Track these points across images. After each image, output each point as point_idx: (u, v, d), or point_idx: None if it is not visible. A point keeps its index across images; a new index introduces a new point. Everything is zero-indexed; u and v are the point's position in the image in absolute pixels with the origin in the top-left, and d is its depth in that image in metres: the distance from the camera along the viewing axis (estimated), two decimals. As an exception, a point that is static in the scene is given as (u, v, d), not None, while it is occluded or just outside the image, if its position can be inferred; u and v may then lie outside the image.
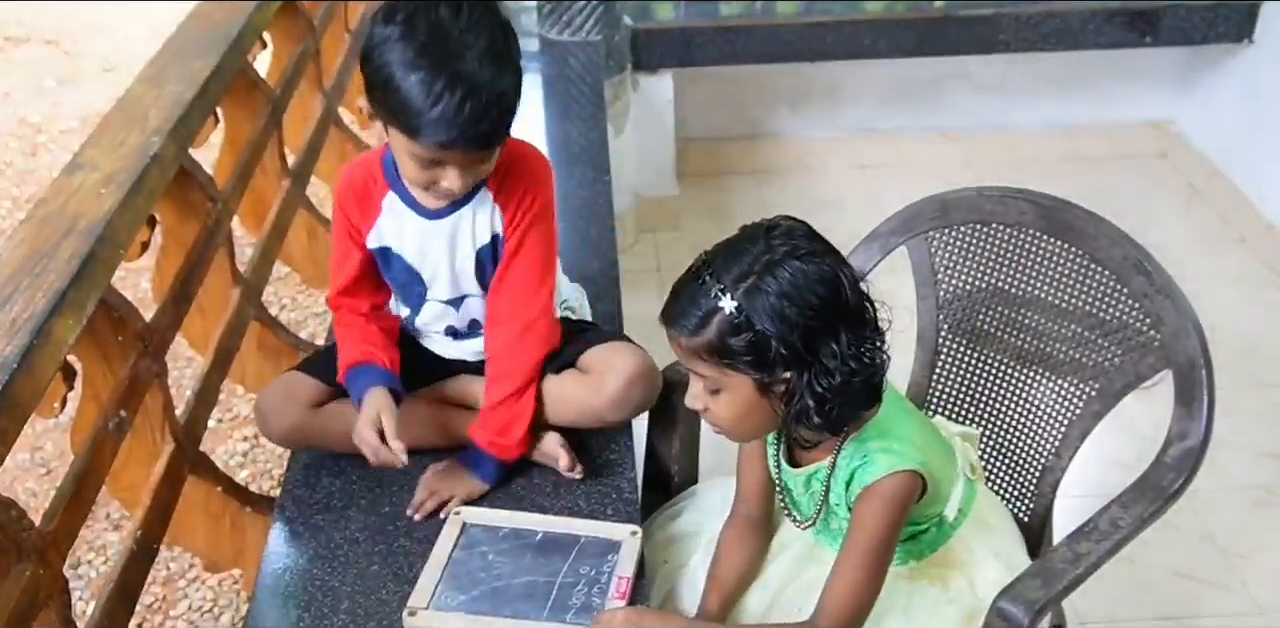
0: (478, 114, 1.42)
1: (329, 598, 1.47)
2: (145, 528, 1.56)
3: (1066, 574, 1.37)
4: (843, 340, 1.26)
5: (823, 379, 1.26)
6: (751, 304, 1.24)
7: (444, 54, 1.42)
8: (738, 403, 1.31)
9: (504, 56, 1.46)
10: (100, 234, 1.53)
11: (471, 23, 1.44)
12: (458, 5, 1.45)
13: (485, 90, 1.42)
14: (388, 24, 1.44)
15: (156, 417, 1.66)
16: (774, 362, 1.26)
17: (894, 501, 1.34)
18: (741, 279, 1.25)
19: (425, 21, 1.43)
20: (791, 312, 1.24)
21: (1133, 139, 3.83)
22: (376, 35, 1.45)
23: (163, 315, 1.73)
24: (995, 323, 1.69)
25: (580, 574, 1.49)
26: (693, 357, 1.30)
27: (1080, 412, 1.61)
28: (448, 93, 1.40)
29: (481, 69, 1.42)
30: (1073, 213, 1.61)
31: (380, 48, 1.44)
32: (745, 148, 3.83)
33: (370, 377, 1.60)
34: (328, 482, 1.66)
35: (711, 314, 1.26)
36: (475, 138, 1.45)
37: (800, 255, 1.25)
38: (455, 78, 1.41)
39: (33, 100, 4.61)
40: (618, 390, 1.64)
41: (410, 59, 1.42)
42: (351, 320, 1.68)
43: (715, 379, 1.30)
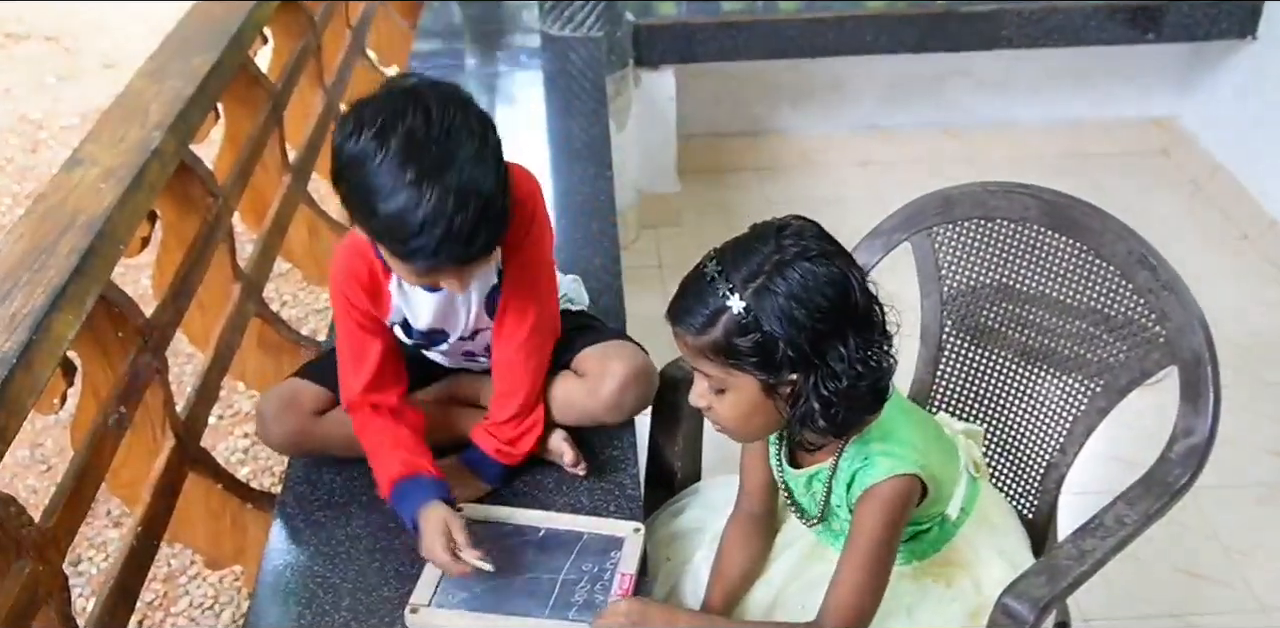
0: (470, 230, 1.32)
1: (330, 595, 1.46)
2: (145, 525, 1.55)
3: (1071, 571, 1.36)
4: (850, 344, 1.25)
5: (829, 383, 1.25)
6: (760, 305, 1.23)
7: (425, 169, 1.30)
8: (742, 403, 1.30)
9: (488, 155, 1.35)
10: (100, 229, 1.52)
11: (447, 125, 1.32)
12: (425, 108, 1.32)
13: (474, 202, 1.31)
14: (356, 137, 1.32)
15: (157, 413, 1.65)
16: (780, 363, 1.24)
17: (894, 504, 1.33)
18: (750, 279, 1.24)
19: (399, 133, 1.30)
20: (800, 314, 1.22)
21: (1135, 136, 3.83)
22: (347, 152, 1.33)
23: (163, 311, 1.72)
24: (999, 319, 1.68)
25: (583, 571, 1.48)
26: (698, 355, 1.28)
27: (1085, 408, 1.60)
28: (436, 215, 1.30)
29: (467, 177, 1.31)
30: (1077, 208, 1.60)
31: (352, 167, 1.32)
32: (747, 144, 3.82)
33: (423, 491, 1.50)
34: (329, 479, 1.65)
35: (719, 314, 1.24)
36: (471, 255, 1.37)
37: (811, 256, 1.24)
38: (442, 195, 1.30)
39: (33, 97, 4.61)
40: (612, 395, 1.63)
41: (389, 180, 1.30)
42: (380, 425, 1.56)
43: (720, 379, 1.29)
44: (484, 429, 1.64)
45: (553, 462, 1.67)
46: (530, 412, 1.63)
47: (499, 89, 3.02)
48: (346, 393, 1.58)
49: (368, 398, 1.57)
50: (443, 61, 3.10)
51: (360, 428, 1.58)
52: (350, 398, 1.57)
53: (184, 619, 2.37)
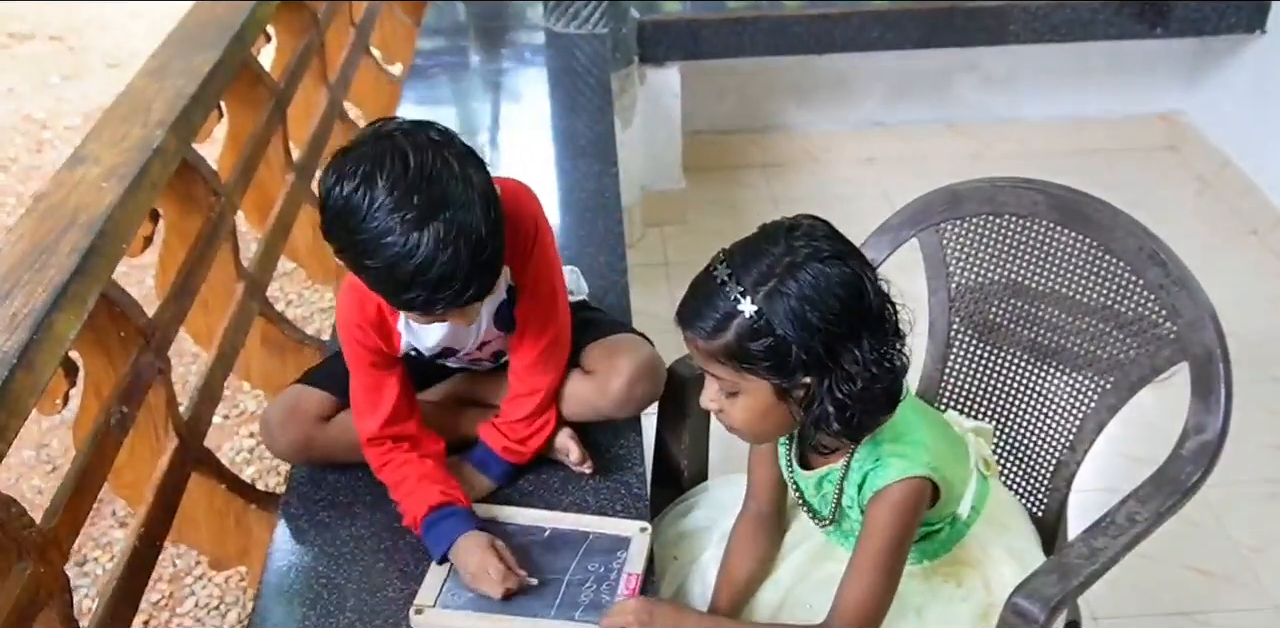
0: (463, 277, 1.30)
1: (335, 596, 1.45)
2: (148, 526, 1.54)
3: (1083, 570, 1.35)
4: (865, 346, 1.23)
5: (844, 385, 1.23)
6: (772, 308, 1.21)
7: (411, 219, 1.27)
8: (755, 407, 1.29)
9: (474, 196, 1.31)
10: (101, 228, 1.51)
11: (428, 171, 1.29)
12: (404, 155, 1.29)
13: (465, 248, 1.29)
14: (339, 189, 1.29)
15: (159, 413, 1.64)
16: (794, 367, 1.23)
17: (905, 506, 1.32)
18: (762, 282, 1.22)
19: (381, 184, 1.28)
20: (813, 316, 1.20)
21: (1143, 131, 3.81)
22: (331, 205, 1.31)
23: (165, 311, 1.71)
24: (1008, 316, 1.67)
25: (589, 571, 1.47)
26: (710, 359, 1.27)
27: (1095, 405, 1.59)
28: (426, 264, 1.27)
29: (455, 222, 1.28)
30: (1087, 203, 1.59)
31: (339, 220, 1.30)
32: (752, 141, 3.81)
33: (457, 523, 1.48)
34: (333, 479, 1.64)
35: (730, 317, 1.22)
36: (467, 300, 1.35)
37: (823, 257, 1.22)
38: (431, 243, 1.27)
39: (37, 96, 4.61)
40: (621, 391, 1.61)
41: (376, 233, 1.27)
42: (403, 458, 1.54)
43: (732, 382, 1.27)
44: (493, 427, 1.63)
45: (558, 461, 1.66)
46: (544, 412, 1.62)
47: (503, 86, 3.00)
48: (365, 431, 1.56)
49: (387, 431, 1.55)
50: (447, 59, 3.10)
51: (380, 462, 1.56)
52: (370, 434, 1.56)
53: (189, 620, 2.36)
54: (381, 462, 1.56)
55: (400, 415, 1.56)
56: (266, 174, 2.30)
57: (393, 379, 1.55)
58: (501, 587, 1.42)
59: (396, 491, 1.54)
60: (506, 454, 1.62)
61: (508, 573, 1.42)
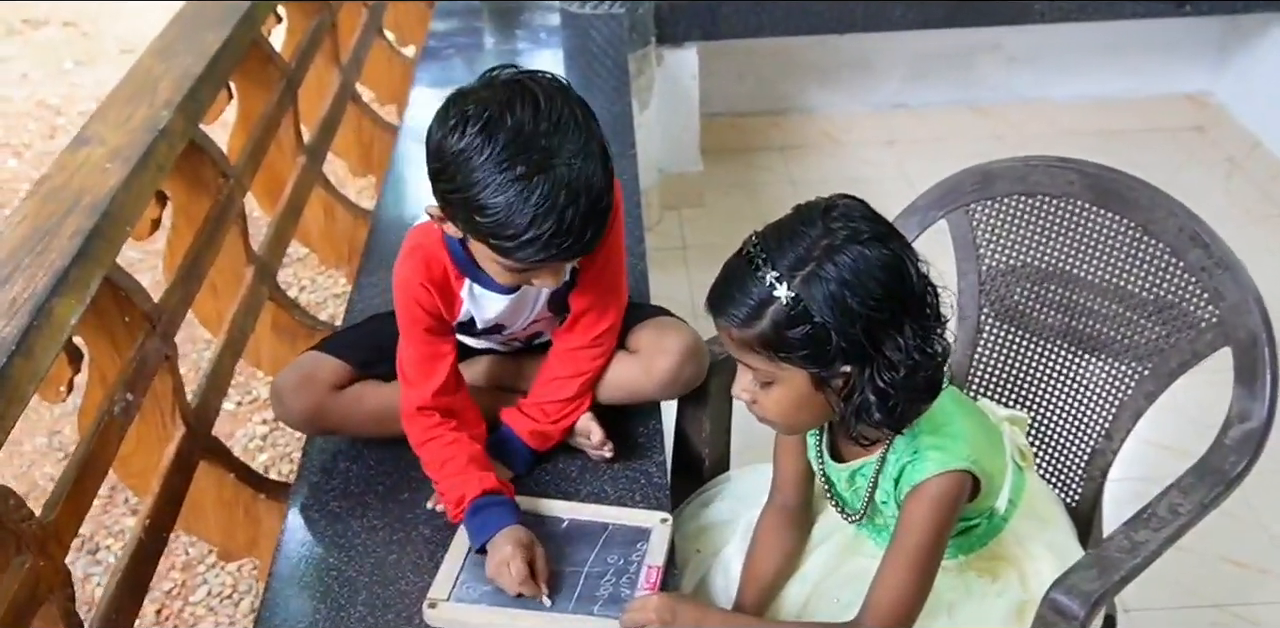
0: (579, 227, 1.29)
1: (346, 589, 1.40)
2: (154, 516, 1.50)
3: (1124, 564, 1.29)
4: (907, 331, 1.17)
5: (886, 374, 1.18)
6: (809, 294, 1.15)
7: (534, 164, 1.26)
8: (791, 397, 1.23)
9: (595, 148, 1.31)
10: (105, 210, 1.47)
11: (556, 118, 1.28)
12: (535, 99, 1.29)
13: (584, 198, 1.28)
14: (460, 133, 1.28)
15: (166, 400, 1.60)
16: (833, 355, 1.17)
17: (944, 501, 1.26)
18: (798, 266, 1.16)
19: (506, 125, 1.27)
20: (853, 301, 1.14)
21: (1170, 112, 3.75)
22: (449, 147, 1.29)
23: (171, 295, 1.66)
24: (1040, 300, 1.62)
25: (608, 564, 1.42)
26: (743, 348, 1.21)
27: (1132, 392, 1.54)
28: (545, 212, 1.26)
29: (577, 173, 1.28)
30: (1124, 182, 1.54)
31: (457, 162, 1.28)
32: (771, 123, 3.77)
33: (505, 513, 1.43)
34: (345, 467, 1.59)
35: (765, 304, 1.17)
36: (578, 250, 1.33)
37: (863, 239, 1.16)
38: (551, 192, 1.26)
39: (51, 82, 4.58)
40: (668, 372, 1.57)
41: (496, 177, 1.26)
42: (453, 437, 1.49)
43: (767, 372, 1.21)
44: (519, 412, 1.58)
45: (576, 448, 1.61)
46: (582, 396, 1.58)
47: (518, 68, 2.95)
48: (415, 399, 1.51)
49: (439, 401, 1.51)
50: (461, 40, 3.04)
51: (425, 437, 1.51)
52: (420, 403, 1.51)
53: (202, 609, 2.34)
54: (427, 436, 1.50)
55: (450, 387, 1.52)
56: (277, 156, 2.26)
57: (448, 347, 1.52)
58: (516, 588, 1.37)
59: (440, 469, 1.48)
60: (533, 440, 1.57)
61: (526, 580, 1.37)
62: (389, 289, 1.92)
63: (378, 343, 1.62)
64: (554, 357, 1.60)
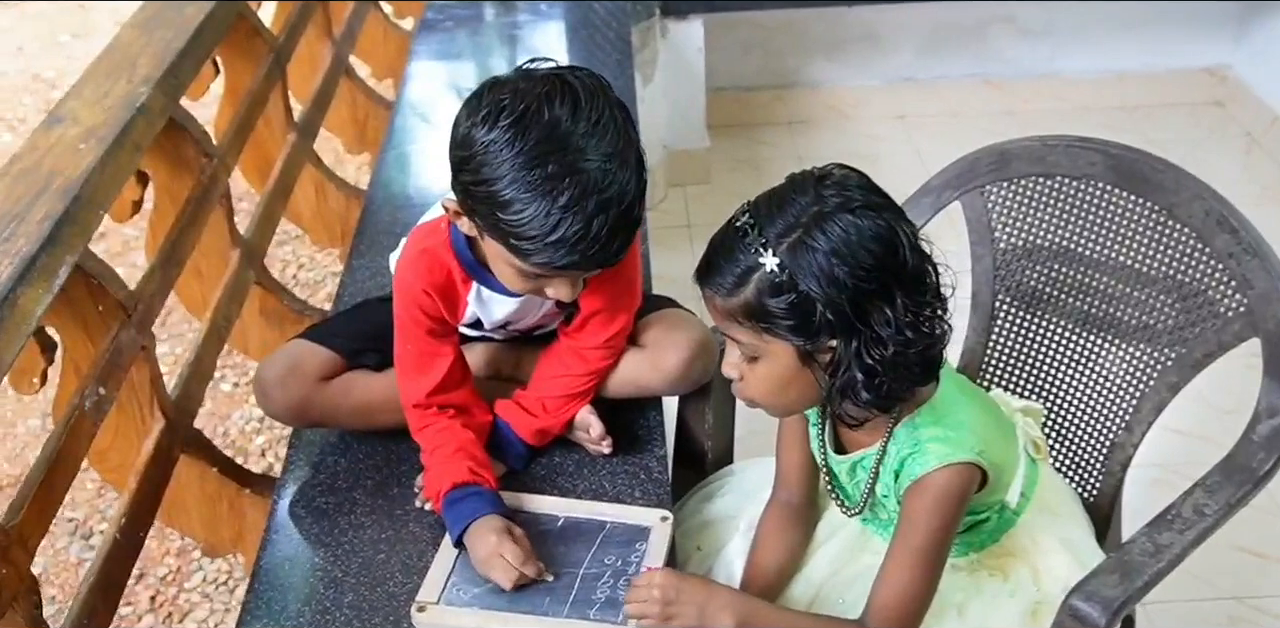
0: (606, 236, 1.22)
1: (332, 591, 1.34)
2: (131, 514, 1.43)
3: (1147, 569, 1.24)
4: (898, 306, 1.12)
5: (874, 349, 1.12)
6: (796, 262, 1.10)
7: (564, 167, 1.20)
8: (776, 373, 1.18)
9: (632, 156, 1.25)
10: (77, 193, 1.40)
11: (595, 119, 1.22)
12: (574, 96, 1.22)
13: (614, 206, 1.22)
14: (492, 123, 1.21)
15: (144, 392, 1.53)
16: (818, 327, 1.12)
17: (948, 496, 1.21)
18: (786, 234, 1.11)
19: (542, 120, 1.20)
20: (841, 272, 1.10)
21: (1187, 86, 3.67)
22: (477, 139, 1.22)
23: (149, 282, 1.59)
24: (1059, 286, 1.55)
25: (605, 565, 1.36)
26: (728, 319, 1.16)
27: (1154, 383, 1.48)
28: (572, 216, 1.20)
29: (610, 179, 1.21)
30: (1147, 163, 1.48)
31: (483, 156, 1.22)
32: (779, 97, 3.69)
33: (478, 503, 1.37)
34: (332, 461, 1.53)
35: (750, 272, 1.12)
36: (601, 261, 1.27)
37: (854, 208, 1.11)
38: (581, 196, 1.20)
39: (46, 55, 4.51)
40: (677, 368, 1.51)
41: (524, 173, 1.20)
42: (446, 425, 1.45)
43: (753, 345, 1.17)
44: (517, 406, 1.52)
45: (572, 441, 1.54)
46: (589, 394, 1.52)
47: (519, 40, 2.88)
48: (410, 396, 1.46)
49: (434, 399, 1.46)
50: (460, 13, 2.96)
51: (420, 425, 1.46)
52: (415, 400, 1.46)
53: (197, 596, 2.31)
54: (422, 424, 1.46)
55: (451, 384, 1.46)
56: (266, 133, 2.18)
57: (448, 347, 1.46)
58: (513, 575, 1.31)
59: (429, 457, 1.44)
60: (531, 435, 1.51)
61: (524, 559, 1.31)
62: (381, 272, 1.88)
63: (368, 331, 1.55)
64: (560, 352, 1.53)
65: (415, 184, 2.27)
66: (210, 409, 2.68)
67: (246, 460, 2.54)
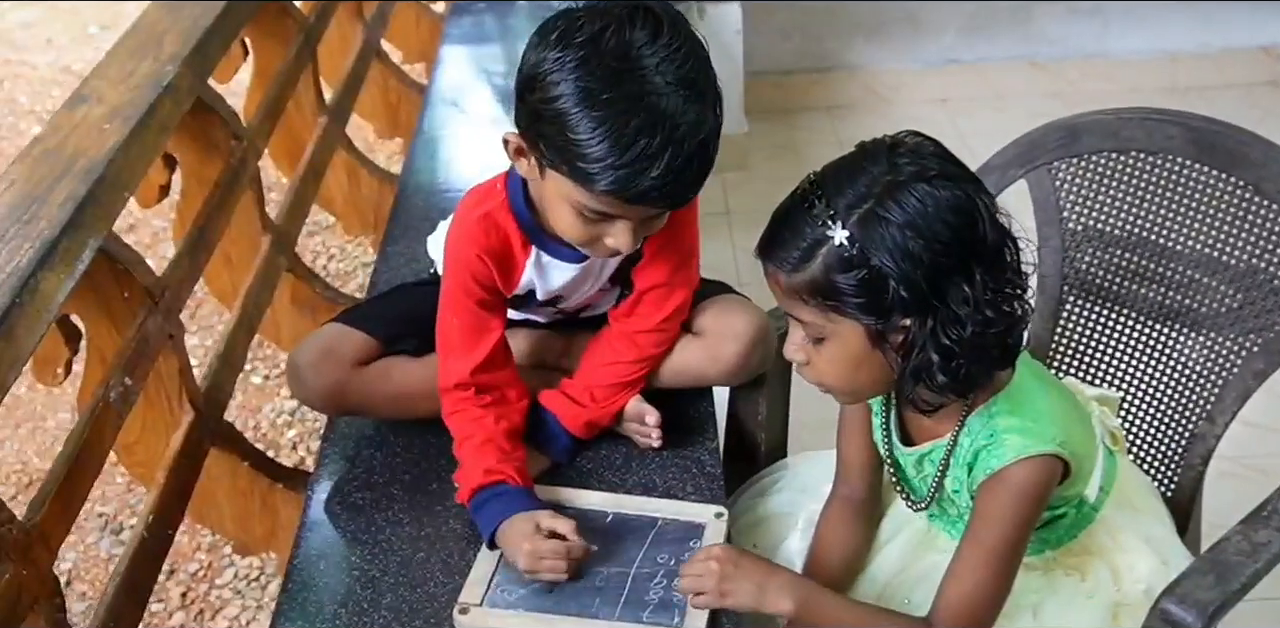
0: (679, 165, 1.14)
1: (369, 592, 1.27)
2: (159, 511, 1.37)
3: (1244, 569, 1.15)
4: (977, 283, 1.04)
5: (951, 329, 1.05)
6: (867, 235, 1.03)
7: (640, 87, 1.13)
8: (845, 355, 1.10)
9: (710, 90, 1.18)
10: (101, 174, 1.33)
11: (676, 47, 1.14)
12: (657, 24, 1.15)
13: (690, 136, 1.14)
14: (564, 44, 1.14)
15: (172, 383, 1.46)
16: (891, 305, 1.04)
17: (1027, 492, 1.13)
18: (857, 204, 1.03)
19: (615, 43, 1.13)
20: (916, 245, 1.02)
21: (1243, 65, 3.58)
22: (548, 58, 1.15)
23: (176, 268, 1.52)
24: (1132, 268, 1.47)
25: (658, 564, 1.28)
26: (793, 298, 1.08)
27: (1239, 371, 1.40)
28: (644, 137, 1.12)
29: (686, 108, 1.14)
30: (1232, 136, 1.42)
31: (552, 73, 1.14)
32: (818, 81, 3.63)
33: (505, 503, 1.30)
34: (368, 455, 1.46)
35: (818, 246, 1.05)
36: (671, 194, 1.18)
37: (930, 178, 1.03)
38: (655, 118, 1.12)
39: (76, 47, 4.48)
40: (736, 358, 1.43)
41: (595, 91, 1.13)
42: (478, 414, 1.36)
43: (819, 326, 1.09)
44: (563, 396, 1.44)
45: (619, 434, 1.47)
46: (641, 382, 1.45)
47: (552, 23, 2.80)
48: (454, 374, 1.37)
49: (479, 378, 1.37)
50: (492, -5, 2.89)
51: (452, 409, 1.38)
52: (459, 379, 1.37)
53: (229, 592, 2.25)
54: (455, 409, 1.38)
55: (495, 363, 1.39)
56: (296, 117, 2.12)
57: (497, 322, 1.39)
58: (560, 567, 1.24)
59: (459, 449, 1.37)
60: (579, 427, 1.43)
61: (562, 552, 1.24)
62: (416, 258, 1.81)
63: (406, 315, 1.48)
64: (612, 338, 1.45)
65: (449, 170, 2.21)
66: (241, 402, 2.63)
67: (278, 454, 2.49)
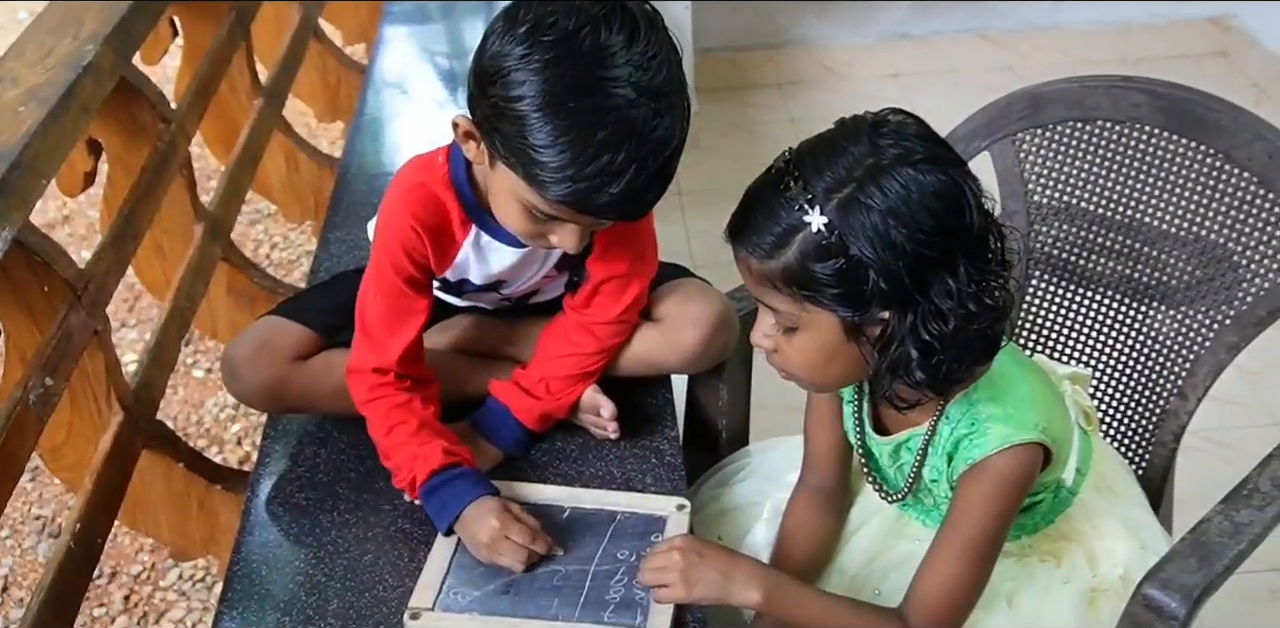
0: (641, 183, 1.09)
1: (314, 598, 1.20)
2: (88, 517, 1.29)
3: (1227, 551, 1.11)
4: (961, 275, 0.99)
5: (932, 324, 0.99)
6: (846, 221, 0.97)
7: (610, 98, 1.06)
8: (817, 346, 1.05)
9: (680, 102, 1.12)
10: (15, 160, 1.24)
11: (649, 55, 1.08)
12: (634, 27, 1.08)
13: (656, 153, 1.08)
14: (532, 40, 1.07)
15: (99, 381, 1.38)
16: (870, 297, 0.99)
17: (1009, 482, 1.08)
18: (836, 188, 0.97)
19: (589, 45, 1.06)
20: (898, 234, 0.96)
21: (1191, 36, 3.55)
22: (513, 52, 1.08)
23: (100, 260, 1.44)
24: (1101, 241, 1.44)
25: (619, 560, 1.23)
26: (765, 285, 1.03)
27: (1211, 344, 1.37)
28: (608, 152, 1.06)
29: (656, 123, 1.07)
30: (1201, 103, 1.37)
31: (516, 70, 1.07)
32: (769, 57, 3.57)
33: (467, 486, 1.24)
34: (311, 452, 1.39)
35: (793, 232, 0.99)
36: (628, 211, 1.14)
37: (914, 161, 0.97)
38: (621, 133, 1.06)
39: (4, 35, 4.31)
40: (697, 345, 1.37)
41: (561, 97, 1.06)
42: (403, 397, 1.30)
43: (792, 315, 1.03)
44: (517, 387, 1.38)
45: (575, 424, 1.41)
46: (597, 374, 1.39)
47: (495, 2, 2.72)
48: (371, 358, 1.30)
49: (404, 368, 1.31)
50: (431, -25, 2.81)
51: (370, 396, 1.31)
52: (379, 363, 1.30)
53: (173, 593, 2.18)
54: (374, 395, 1.30)
55: (417, 355, 1.32)
56: (230, 99, 2.03)
57: (423, 304, 1.31)
58: (523, 555, 1.19)
59: (386, 437, 1.29)
60: (533, 421, 1.37)
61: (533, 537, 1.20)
62: (358, 245, 1.73)
63: (346, 305, 1.40)
64: (569, 328, 1.39)
65: (392, 153, 2.14)
66: (183, 396, 2.55)
67: (222, 450, 2.41)
